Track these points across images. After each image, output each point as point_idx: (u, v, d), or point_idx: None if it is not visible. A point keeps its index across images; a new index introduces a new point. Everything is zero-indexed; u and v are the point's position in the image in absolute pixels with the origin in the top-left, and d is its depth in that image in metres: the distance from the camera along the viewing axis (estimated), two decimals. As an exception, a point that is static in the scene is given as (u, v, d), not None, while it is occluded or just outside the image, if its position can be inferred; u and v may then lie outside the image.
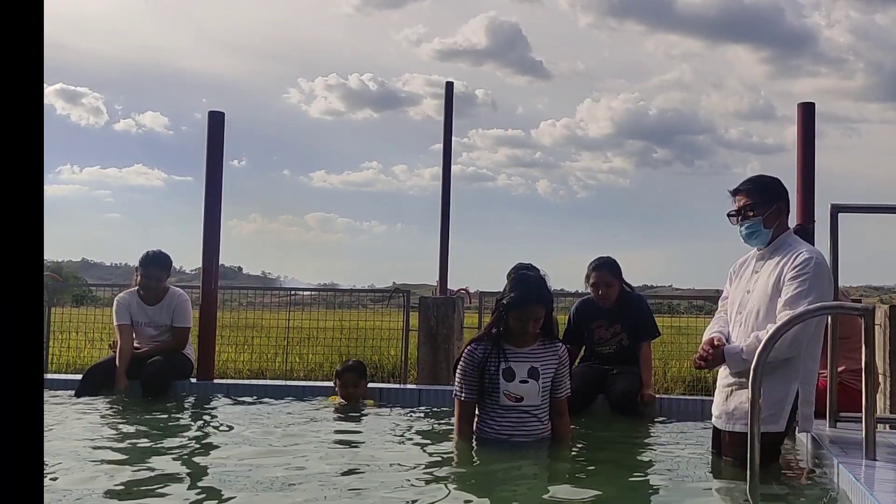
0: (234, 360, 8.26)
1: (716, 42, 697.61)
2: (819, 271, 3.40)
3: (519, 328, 3.65)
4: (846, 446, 3.40)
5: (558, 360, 3.76)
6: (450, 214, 7.23)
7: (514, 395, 3.64)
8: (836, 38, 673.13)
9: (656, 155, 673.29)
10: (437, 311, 6.67)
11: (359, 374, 5.18)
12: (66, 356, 8.09)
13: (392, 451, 3.78)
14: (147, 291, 5.76)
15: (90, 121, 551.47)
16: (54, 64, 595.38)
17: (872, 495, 2.52)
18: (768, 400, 3.14)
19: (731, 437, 3.48)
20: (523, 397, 3.64)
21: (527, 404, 3.65)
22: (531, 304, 3.62)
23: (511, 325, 3.67)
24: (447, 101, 7.38)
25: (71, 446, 3.68)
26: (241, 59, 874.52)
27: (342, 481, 3.10)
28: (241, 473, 3.18)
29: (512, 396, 3.64)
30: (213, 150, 6.05)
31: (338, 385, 5.14)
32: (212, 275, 6.02)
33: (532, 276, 3.70)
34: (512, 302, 3.63)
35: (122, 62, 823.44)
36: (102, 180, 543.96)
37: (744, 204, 3.65)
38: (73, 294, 10.82)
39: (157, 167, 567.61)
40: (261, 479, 3.07)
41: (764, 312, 3.46)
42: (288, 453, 3.63)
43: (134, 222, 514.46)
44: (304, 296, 9.50)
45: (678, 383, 7.79)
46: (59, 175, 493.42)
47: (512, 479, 3.17)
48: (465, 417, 3.72)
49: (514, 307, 3.62)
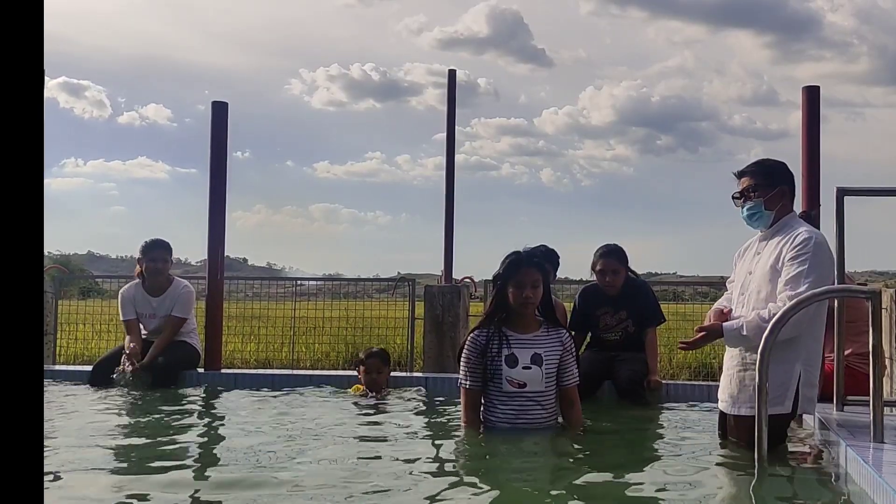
0: (241, 350, 8.29)
1: (718, 27, 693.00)
2: (819, 250, 3.40)
3: (518, 297, 3.64)
4: (854, 429, 3.40)
5: (562, 347, 3.75)
6: (454, 203, 7.22)
7: (517, 381, 3.64)
8: (840, 21, 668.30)
9: (660, 142, 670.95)
10: (443, 300, 6.68)
11: (382, 360, 5.17)
12: (74, 348, 8.13)
13: (400, 440, 3.79)
14: (154, 277, 5.75)
15: (94, 114, 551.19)
16: (57, 57, 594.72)
17: (881, 478, 2.52)
18: (773, 382, 3.15)
19: (737, 420, 3.50)
20: (526, 383, 3.64)
21: (530, 391, 3.65)
22: (523, 267, 3.65)
23: (511, 299, 3.66)
24: (450, 88, 7.35)
25: (79, 435, 3.71)
26: (243, 50, 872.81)
27: (351, 470, 3.11)
28: (258, 461, 3.20)
29: (515, 382, 3.64)
30: (217, 139, 6.06)
31: (361, 372, 5.12)
32: (217, 264, 6.03)
33: (530, 247, 3.76)
34: (505, 270, 3.67)
35: (125, 55, 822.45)
36: (107, 173, 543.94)
37: (747, 186, 3.66)
38: (79, 286, 10.85)
39: (161, 160, 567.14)
40: (268, 464, 3.09)
41: (765, 293, 3.47)
42: (300, 443, 3.65)
43: (138, 215, 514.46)
44: (309, 286, 9.51)
45: (683, 370, 7.80)
46: (64, 168, 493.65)
47: (518, 468, 3.18)
48: (471, 406, 3.73)
49: (508, 275, 3.66)
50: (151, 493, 2.72)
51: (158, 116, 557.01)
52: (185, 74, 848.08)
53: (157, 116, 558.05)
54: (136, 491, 2.75)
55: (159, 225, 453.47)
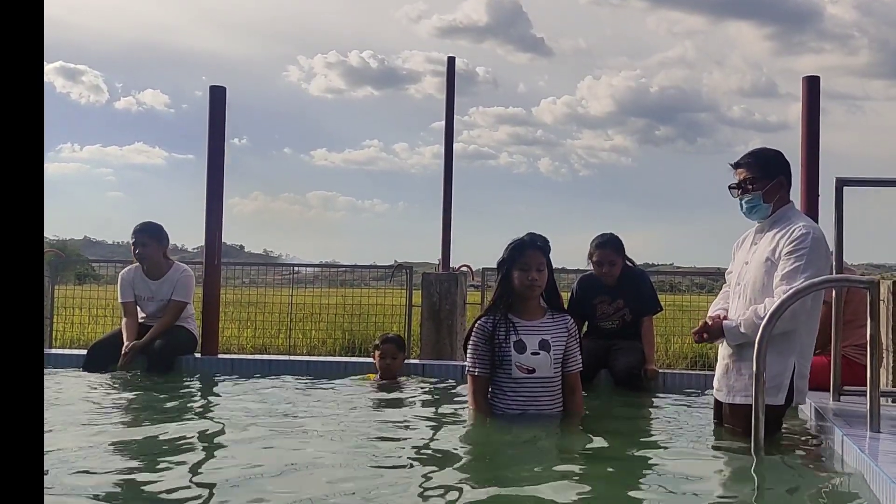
0: (238, 336, 8.29)
1: (719, 18, 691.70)
2: (816, 246, 3.40)
3: (524, 280, 3.64)
4: (850, 419, 3.41)
5: (567, 333, 3.76)
6: (451, 192, 7.21)
7: (526, 366, 3.64)
8: (841, 14, 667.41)
9: (658, 133, 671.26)
10: (440, 288, 6.68)
11: (398, 346, 5.17)
12: (70, 332, 8.13)
13: (401, 427, 3.79)
14: (141, 261, 5.75)
15: (90, 99, 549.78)
16: (54, 41, 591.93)
17: (877, 466, 2.53)
18: (768, 373, 3.15)
19: (732, 409, 3.52)
20: (535, 369, 3.65)
21: (539, 376, 3.65)
22: (528, 250, 3.66)
23: (516, 282, 3.66)
24: (449, 76, 7.33)
25: (77, 420, 3.70)
26: (241, 36, 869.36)
27: (355, 458, 3.11)
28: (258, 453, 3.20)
29: (524, 368, 3.64)
30: (214, 124, 6.02)
31: (376, 357, 5.12)
32: (215, 250, 6.02)
33: (526, 235, 3.76)
34: (511, 253, 3.67)
35: (122, 39, 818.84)
36: (103, 159, 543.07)
37: (744, 177, 3.65)
38: (75, 271, 10.83)
39: (158, 145, 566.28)
40: (267, 450, 3.09)
41: (761, 284, 3.48)
42: (303, 428, 3.65)
43: (135, 200, 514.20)
44: (306, 273, 9.51)
45: (680, 359, 7.83)
46: (60, 153, 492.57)
47: (521, 456, 3.17)
48: (480, 392, 3.71)
49: (514, 258, 3.66)
50: (146, 478, 2.71)
51: (156, 102, 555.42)
52: (183, 60, 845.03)
53: (154, 102, 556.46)
54: (130, 476, 2.74)
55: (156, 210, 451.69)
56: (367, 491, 2.54)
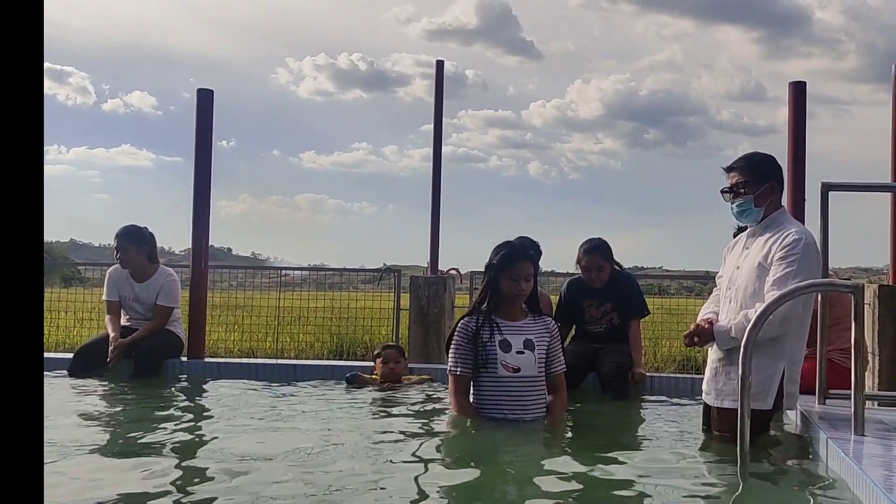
0: (225, 339, 8.25)
1: (707, 22, 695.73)
2: (808, 252, 3.41)
3: (512, 289, 3.66)
4: (835, 422, 3.43)
5: (550, 334, 3.79)
6: (440, 195, 7.21)
7: (511, 365, 3.65)
8: (829, 18, 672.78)
9: (647, 136, 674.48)
10: (429, 291, 6.67)
11: (400, 351, 5.24)
12: (56, 336, 8.07)
13: (400, 430, 3.78)
14: (123, 266, 5.73)
15: (77, 100, 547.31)
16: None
17: (861, 469, 2.54)
18: (756, 378, 3.17)
19: (720, 413, 3.53)
20: (521, 368, 3.66)
21: (525, 375, 3.66)
22: (520, 261, 3.67)
23: (503, 288, 3.68)
24: (438, 79, 7.33)
25: (61, 424, 3.68)
26: (229, 38, 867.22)
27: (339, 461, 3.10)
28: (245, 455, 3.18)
29: (510, 367, 3.65)
30: (202, 127, 6.00)
31: (377, 363, 5.13)
32: (202, 253, 5.99)
33: (516, 239, 3.76)
34: (501, 260, 3.67)
35: (109, 41, 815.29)
36: (90, 160, 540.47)
37: (736, 181, 3.66)
38: (61, 274, 10.76)
39: (146, 148, 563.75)
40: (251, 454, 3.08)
41: (752, 288, 3.48)
42: (284, 435, 3.63)
43: (122, 203, 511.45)
44: (294, 276, 9.48)
45: (669, 363, 7.83)
46: (47, 155, 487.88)
47: (505, 460, 3.17)
48: (462, 392, 3.72)
49: (504, 266, 3.67)
50: (131, 483, 2.70)
51: (143, 104, 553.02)
52: (171, 62, 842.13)
53: (141, 104, 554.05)
54: (116, 481, 2.73)
55: (143, 213, 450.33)
56: (355, 492, 2.52)
